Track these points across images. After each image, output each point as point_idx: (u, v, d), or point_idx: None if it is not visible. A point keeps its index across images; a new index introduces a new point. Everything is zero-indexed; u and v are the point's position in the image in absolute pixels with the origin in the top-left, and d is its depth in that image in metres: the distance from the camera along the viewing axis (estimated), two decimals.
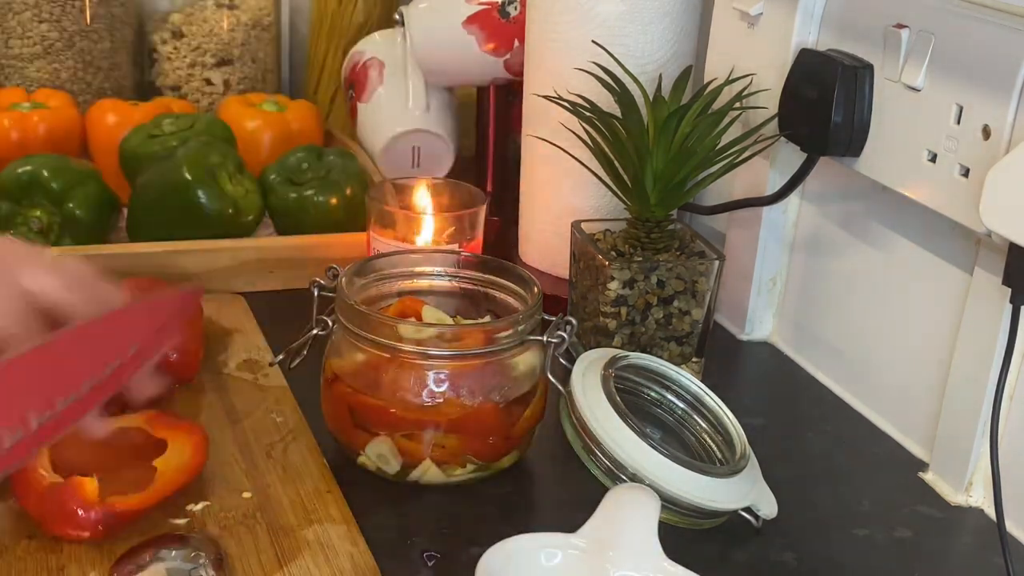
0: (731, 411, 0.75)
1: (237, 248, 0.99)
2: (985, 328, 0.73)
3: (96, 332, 0.60)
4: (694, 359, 0.88)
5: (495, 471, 0.74)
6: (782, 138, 0.85)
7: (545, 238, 1.01)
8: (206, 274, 0.97)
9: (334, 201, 1.05)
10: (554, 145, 0.92)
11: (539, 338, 0.73)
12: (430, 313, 0.78)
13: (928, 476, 0.79)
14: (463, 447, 0.72)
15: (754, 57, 0.89)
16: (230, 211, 1.02)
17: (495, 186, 1.18)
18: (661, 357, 0.81)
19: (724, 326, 0.99)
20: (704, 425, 0.75)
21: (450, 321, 0.78)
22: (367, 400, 0.72)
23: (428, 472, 0.72)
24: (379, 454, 0.72)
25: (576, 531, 0.58)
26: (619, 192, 0.87)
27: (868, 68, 0.79)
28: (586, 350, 0.79)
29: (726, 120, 0.84)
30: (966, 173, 0.71)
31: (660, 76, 0.90)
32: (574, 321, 0.73)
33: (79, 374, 0.57)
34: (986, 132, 0.70)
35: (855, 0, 0.81)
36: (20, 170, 1.00)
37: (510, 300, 0.77)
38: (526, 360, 0.73)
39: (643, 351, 0.84)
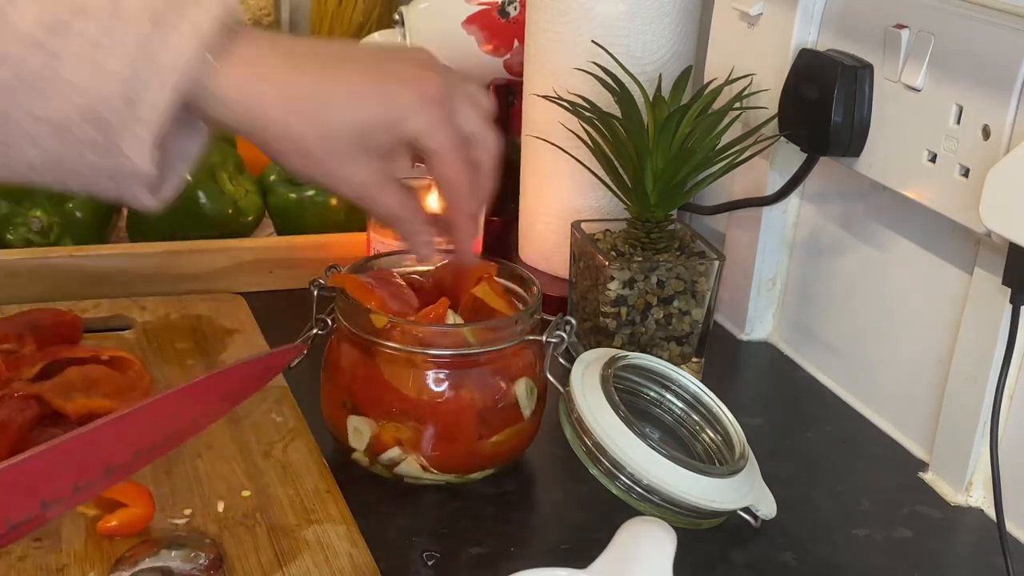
0: (730, 411, 0.75)
1: (237, 248, 0.99)
2: (985, 328, 0.73)
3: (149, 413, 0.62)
4: (694, 359, 0.88)
5: (471, 480, 0.75)
6: (782, 138, 0.85)
7: (545, 238, 1.01)
8: (206, 274, 0.97)
9: (334, 201, 1.05)
10: (554, 145, 0.92)
11: (538, 338, 0.73)
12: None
13: (928, 476, 0.79)
14: (439, 452, 0.72)
15: (754, 57, 0.89)
16: (230, 211, 1.02)
17: (495, 186, 1.17)
18: (661, 357, 0.81)
19: (724, 326, 0.99)
20: (703, 425, 0.75)
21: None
22: (365, 398, 0.72)
23: (405, 462, 0.72)
24: (355, 428, 0.73)
25: (588, 567, 0.56)
26: (619, 192, 0.87)
27: (868, 68, 0.79)
28: (586, 350, 0.79)
29: (726, 120, 0.84)
30: (966, 173, 0.71)
31: (660, 76, 0.90)
32: (573, 321, 0.73)
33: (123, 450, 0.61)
34: (986, 132, 0.69)
35: (855, 0, 0.81)
36: None
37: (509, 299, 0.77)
38: (523, 388, 0.73)
39: (643, 351, 0.84)
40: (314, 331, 0.76)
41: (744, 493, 0.70)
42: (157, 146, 0.56)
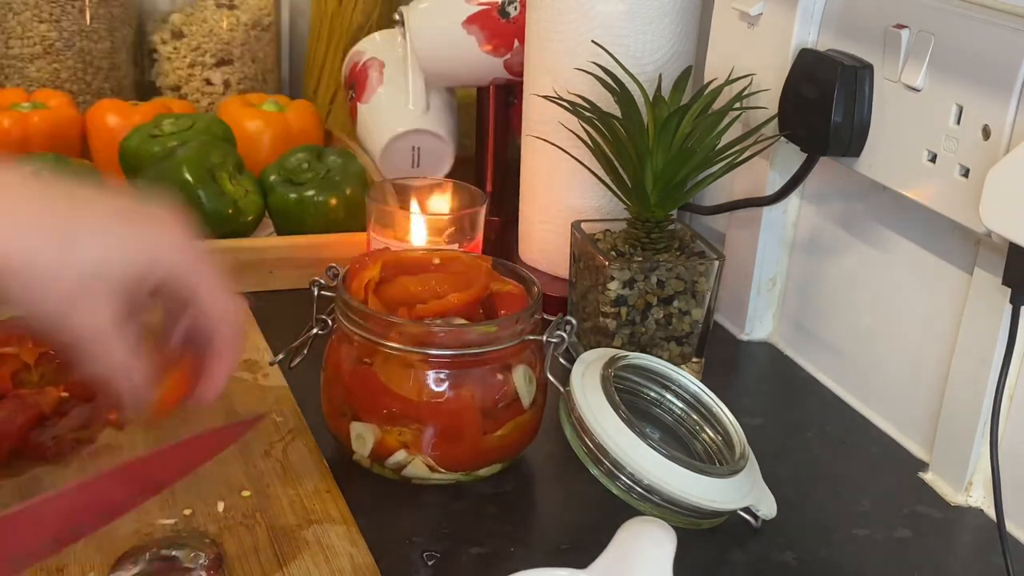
0: (730, 411, 0.75)
1: (237, 248, 0.99)
2: (985, 328, 0.73)
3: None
4: (694, 359, 0.88)
5: (479, 477, 0.75)
6: (782, 138, 0.85)
7: (545, 238, 1.01)
8: None
9: (334, 201, 1.05)
10: (554, 145, 0.92)
11: (539, 338, 0.73)
12: None
13: (928, 476, 0.79)
14: (444, 451, 0.72)
15: (754, 57, 0.89)
16: (230, 211, 1.02)
17: (495, 186, 1.18)
18: (661, 357, 0.81)
19: (724, 326, 0.99)
20: (703, 425, 0.75)
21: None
22: (366, 403, 0.72)
23: (412, 463, 0.72)
24: (358, 434, 0.73)
25: (588, 567, 0.56)
26: (619, 192, 0.87)
27: (868, 68, 0.79)
28: (586, 350, 0.79)
29: (726, 120, 0.84)
30: (966, 173, 0.71)
31: (660, 76, 0.90)
32: (574, 321, 0.73)
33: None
34: (986, 132, 0.69)
35: (855, 0, 0.81)
36: None
37: None
38: (521, 377, 0.73)
39: (643, 351, 0.84)
40: (314, 331, 0.76)
41: (744, 493, 0.70)
42: None
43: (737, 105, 0.86)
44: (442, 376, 0.71)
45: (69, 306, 0.54)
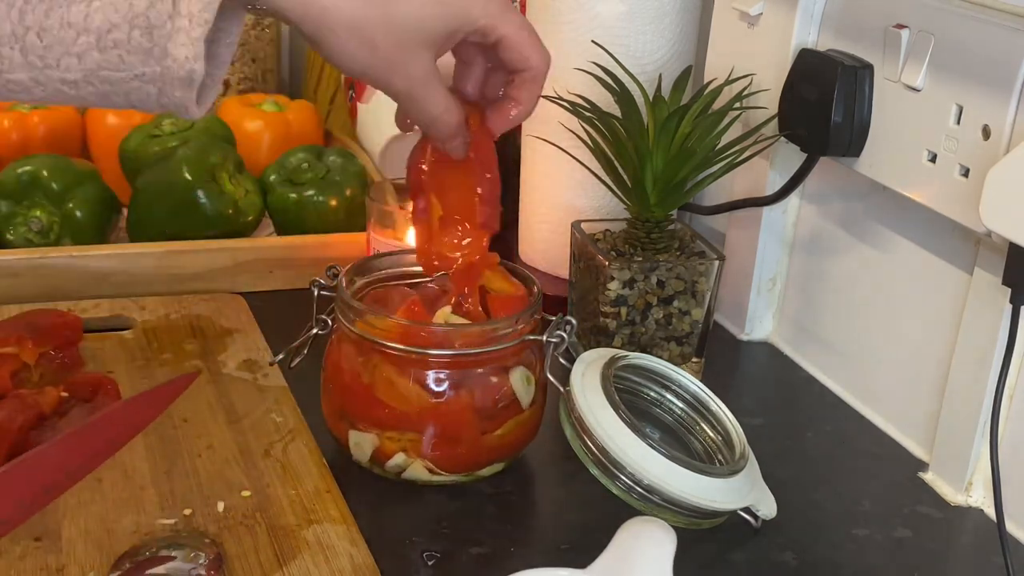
0: (730, 411, 0.75)
1: (237, 248, 0.99)
2: (985, 328, 0.73)
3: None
4: (694, 359, 0.88)
5: (480, 477, 0.75)
6: (782, 138, 0.85)
7: (545, 238, 1.01)
8: (206, 274, 0.97)
9: (334, 201, 1.05)
10: (554, 145, 0.92)
11: (539, 337, 0.73)
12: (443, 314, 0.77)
13: (928, 476, 0.79)
14: (443, 453, 0.72)
15: (754, 57, 0.89)
16: (230, 211, 1.02)
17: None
18: (661, 357, 0.81)
19: (724, 326, 0.99)
20: (704, 425, 0.75)
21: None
22: (363, 398, 0.72)
23: (412, 466, 0.72)
24: (356, 442, 0.73)
25: (588, 567, 0.56)
26: (619, 192, 0.87)
27: (868, 68, 0.79)
28: (586, 350, 0.79)
29: (726, 120, 0.84)
30: (966, 173, 0.71)
31: (660, 76, 0.90)
32: (574, 321, 0.73)
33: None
34: (986, 132, 0.69)
35: (855, 0, 0.81)
36: (20, 170, 1.00)
37: None
38: (520, 378, 0.73)
39: (643, 351, 0.84)
40: (314, 331, 0.76)
41: (744, 493, 0.70)
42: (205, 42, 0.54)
43: (737, 105, 0.86)
44: (441, 376, 0.71)
45: (392, 61, 0.61)
